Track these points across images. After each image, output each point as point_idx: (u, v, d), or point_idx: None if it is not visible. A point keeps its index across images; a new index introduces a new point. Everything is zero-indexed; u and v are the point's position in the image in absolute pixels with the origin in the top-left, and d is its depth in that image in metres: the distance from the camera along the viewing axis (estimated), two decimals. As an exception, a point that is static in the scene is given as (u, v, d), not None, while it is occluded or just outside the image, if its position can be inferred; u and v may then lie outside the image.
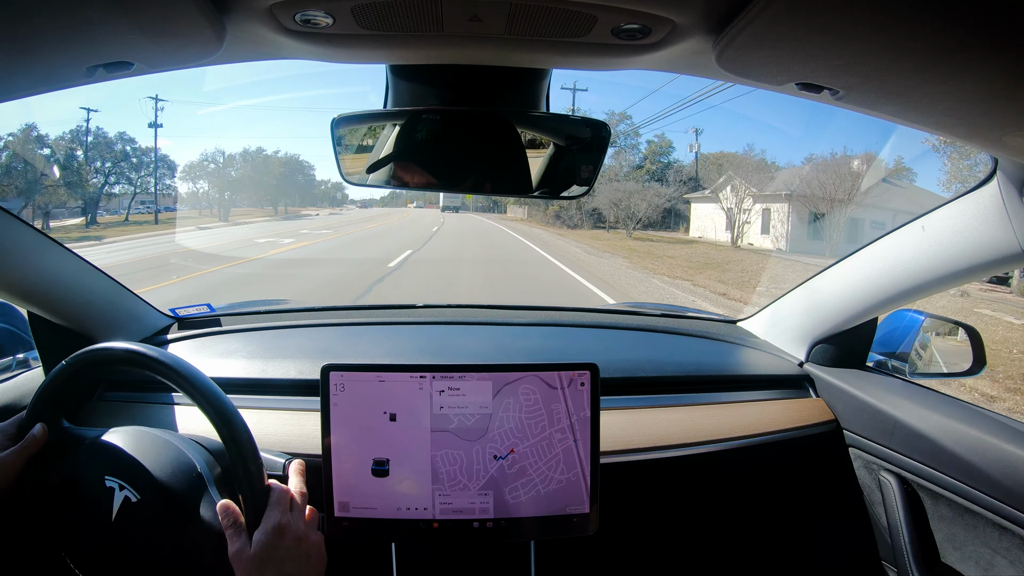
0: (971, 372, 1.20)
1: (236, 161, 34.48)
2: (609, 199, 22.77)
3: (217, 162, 33.44)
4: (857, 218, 16.73)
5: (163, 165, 29.15)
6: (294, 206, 40.52)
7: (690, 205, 24.60)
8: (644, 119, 34.94)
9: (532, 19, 0.58)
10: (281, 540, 0.67)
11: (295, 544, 0.68)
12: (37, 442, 0.73)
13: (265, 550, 0.66)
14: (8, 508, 0.71)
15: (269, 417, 1.01)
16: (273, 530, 0.68)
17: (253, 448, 0.70)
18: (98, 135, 25.31)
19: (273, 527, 0.68)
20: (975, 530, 0.93)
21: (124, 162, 26.06)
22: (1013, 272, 9.44)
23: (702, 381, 1.23)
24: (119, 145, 26.15)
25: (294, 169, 39.64)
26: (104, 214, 25.00)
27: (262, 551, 0.66)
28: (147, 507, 0.69)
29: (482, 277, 10.07)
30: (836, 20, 0.47)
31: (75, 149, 23.96)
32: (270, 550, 0.66)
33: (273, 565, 0.66)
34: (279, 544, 0.67)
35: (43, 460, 0.73)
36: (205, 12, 0.52)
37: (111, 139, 25.82)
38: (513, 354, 1.30)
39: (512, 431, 0.85)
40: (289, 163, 38.89)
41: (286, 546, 0.67)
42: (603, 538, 0.93)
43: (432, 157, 0.80)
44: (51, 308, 1.03)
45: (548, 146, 0.82)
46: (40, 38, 0.53)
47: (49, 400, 0.75)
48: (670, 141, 30.62)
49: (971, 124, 0.64)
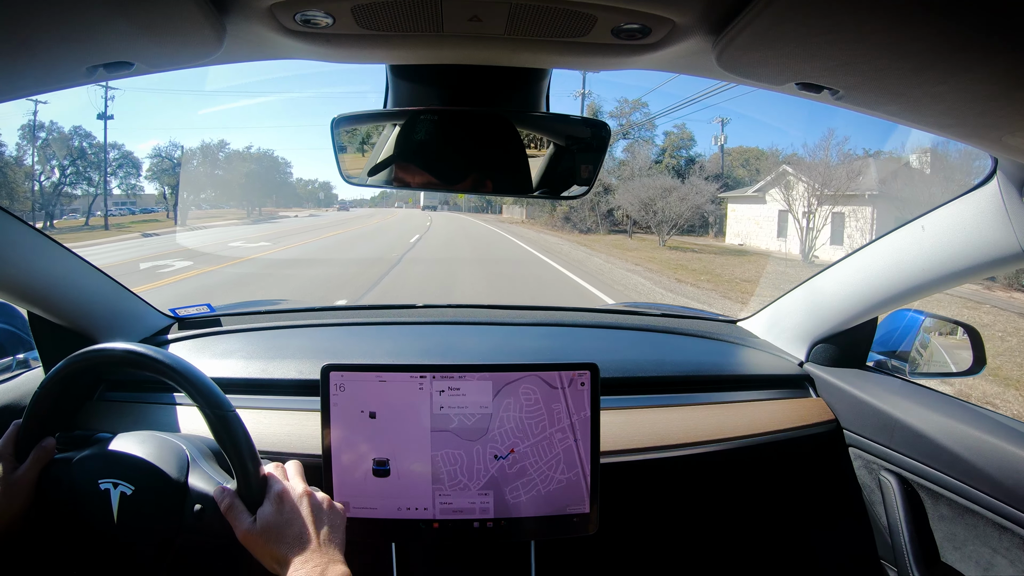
0: (971, 372, 1.20)
1: (196, 156, 30.69)
2: (637, 198, 18.46)
3: (172, 157, 28.99)
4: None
5: (128, 163, 26.63)
6: (271, 207, 37.56)
7: (725, 206, 20.55)
8: (662, 107, 31.84)
9: (532, 19, 0.58)
10: (282, 504, 0.68)
11: (298, 502, 0.69)
12: (49, 453, 0.72)
13: (270, 518, 0.67)
14: (26, 528, 0.70)
15: (269, 417, 1.01)
16: (275, 498, 0.68)
17: (250, 444, 0.71)
18: (52, 129, 23.07)
19: (274, 496, 0.69)
20: (975, 530, 0.93)
21: (81, 160, 23.78)
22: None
23: (702, 381, 1.23)
24: (75, 141, 23.73)
25: (269, 167, 36.62)
26: (78, 216, 22.93)
27: (267, 520, 0.67)
28: (143, 494, 0.70)
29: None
30: (836, 20, 0.47)
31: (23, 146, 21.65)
32: (276, 516, 0.67)
33: (279, 530, 0.66)
34: (281, 508, 0.68)
35: (47, 474, 0.73)
36: (205, 12, 0.52)
37: (67, 134, 23.40)
38: (513, 354, 1.30)
39: (512, 431, 0.85)
40: (263, 160, 35.84)
41: (289, 508, 0.68)
42: (603, 538, 0.93)
43: (432, 157, 0.80)
44: (51, 308, 1.03)
45: (548, 146, 0.82)
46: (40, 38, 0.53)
47: (47, 409, 0.74)
48: (691, 133, 26.35)
49: (971, 124, 0.64)
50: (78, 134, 24.03)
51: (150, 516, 0.70)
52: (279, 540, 0.65)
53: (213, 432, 0.70)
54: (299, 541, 0.66)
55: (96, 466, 0.72)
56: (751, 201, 19.26)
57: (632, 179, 20.60)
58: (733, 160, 24.92)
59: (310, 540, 0.66)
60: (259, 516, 0.67)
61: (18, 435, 0.73)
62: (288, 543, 0.65)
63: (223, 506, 0.68)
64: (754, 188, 19.30)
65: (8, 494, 0.69)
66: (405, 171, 0.80)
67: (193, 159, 30.54)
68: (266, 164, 36.29)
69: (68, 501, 0.71)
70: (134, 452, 0.73)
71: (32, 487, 0.70)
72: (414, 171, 0.81)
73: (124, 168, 26.84)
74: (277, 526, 0.66)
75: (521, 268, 11.66)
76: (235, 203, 34.08)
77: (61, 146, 23.43)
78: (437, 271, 11.14)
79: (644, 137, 25.63)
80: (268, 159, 36.81)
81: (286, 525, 0.67)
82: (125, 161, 26.88)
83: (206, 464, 0.75)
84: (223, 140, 35.72)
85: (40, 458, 0.71)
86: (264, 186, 36.41)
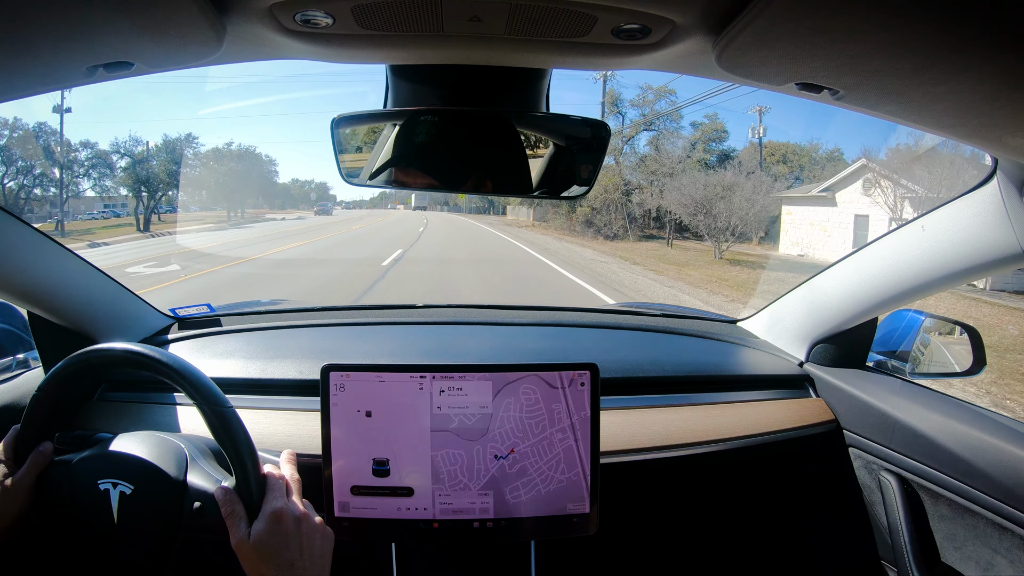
0: (971, 372, 1.20)
1: (162, 153, 25.13)
2: (690, 198, 15.30)
3: (131, 152, 24.07)
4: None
5: (102, 163, 23.60)
6: (255, 208, 33.68)
7: (779, 208, 17.11)
8: (690, 95, 27.86)
9: (532, 19, 0.58)
10: (279, 525, 0.68)
11: (295, 526, 0.69)
12: (46, 458, 0.72)
13: (264, 537, 0.67)
14: (24, 531, 0.70)
15: (269, 417, 1.01)
16: (271, 516, 0.68)
17: (248, 443, 0.71)
18: (16, 127, 20.74)
19: (271, 513, 0.68)
20: (975, 530, 0.93)
21: (46, 160, 21.14)
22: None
23: (702, 381, 1.23)
24: (42, 139, 21.22)
25: (250, 164, 32.31)
26: (50, 221, 20.17)
27: (262, 538, 0.66)
28: (142, 492, 0.70)
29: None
30: (836, 20, 0.47)
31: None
32: (269, 536, 0.67)
33: (272, 551, 0.66)
34: (277, 529, 0.67)
35: (46, 477, 0.73)
36: (205, 12, 0.52)
37: (30, 132, 20.99)
38: (513, 354, 1.30)
39: (513, 431, 0.85)
40: (244, 157, 31.64)
41: (284, 530, 0.68)
42: (603, 538, 0.93)
43: (432, 157, 0.80)
44: (51, 308, 1.03)
45: (548, 146, 0.82)
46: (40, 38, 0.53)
47: (44, 415, 0.74)
48: (723, 124, 23.16)
49: (971, 124, 0.64)
50: (43, 132, 21.51)
51: (150, 514, 0.70)
52: (270, 561, 0.66)
53: (211, 429, 0.70)
54: (289, 568, 0.66)
55: (95, 467, 0.72)
56: (816, 203, 15.89)
57: (675, 175, 17.61)
58: (767, 156, 21.34)
59: (299, 569, 0.67)
60: (254, 531, 0.67)
61: (16, 440, 0.72)
62: (278, 567, 0.66)
63: (224, 511, 0.68)
64: (821, 187, 15.92)
65: (5, 499, 0.69)
66: (404, 171, 0.80)
67: (158, 155, 25.28)
68: (248, 162, 32.48)
69: (68, 503, 0.71)
70: (133, 452, 0.73)
71: (29, 492, 0.70)
72: (413, 171, 0.81)
73: (98, 168, 23.91)
74: (270, 546, 0.66)
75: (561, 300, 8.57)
76: (217, 205, 30.83)
77: (24, 145, 20.96)
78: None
79: (670, 128, 22.44)
80: (250, 156, 32.95)
81: (280, 548, 0.67)
82: (99, 161, 23.87)
83: (205, 462, 0.75)
84: (191, 134, 30.64)
85: (38, 463, 0.71)
86: (246, 186, 32.71)
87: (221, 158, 31.01)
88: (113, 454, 0.73)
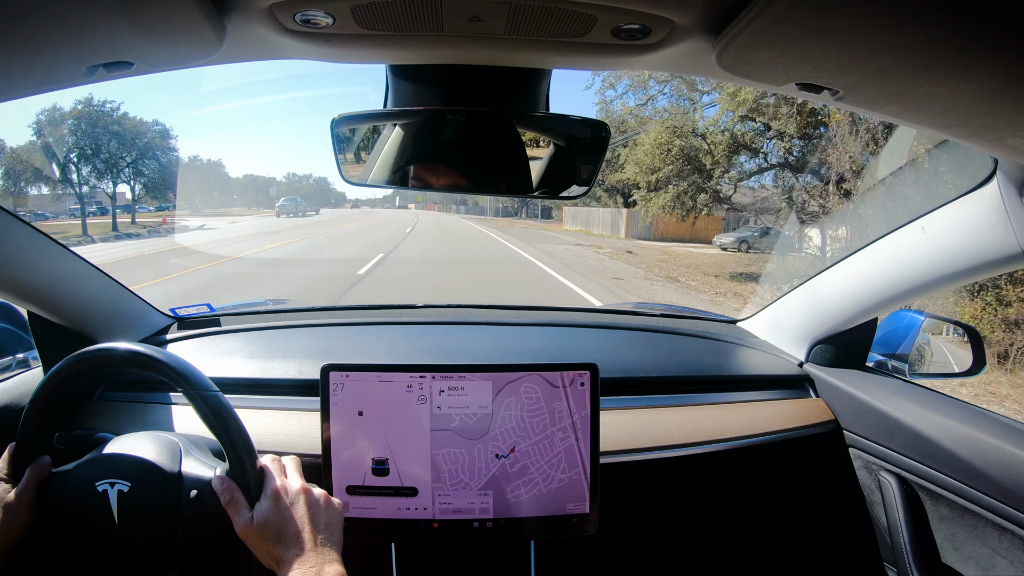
0: (971, 372, 1.20)
1: (80, 129, 19.71)
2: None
3: (38, 126, 18.92)
4: None
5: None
6: (213, 207, 28.32)
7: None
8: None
9: (532, 19, 0.58)
10: (279, 502, 0.68)
11: (296, 500, 0.69)
12: (45, 469, 0.72)
13: (267, 516, 0.67)
14: (32, 547, 0.70)
15: (269, 417, 1.01)
16: (271, 495, 0.68)
17: (241, 429, 0.71)
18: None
19: (271, 493, 0.68)
20: (975, 530, 0.93)
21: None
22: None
23: (702, 381, 1.23)
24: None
25: (200, 163, 26.77)
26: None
27: (265, 518, 0.66)
28: (140, 488, 0.70)
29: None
30: (836, 20, 0.47)
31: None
32: (272, 515, 0.67)
33: (277, 529, 0.66)
34: (279, 507, 0.67)
35: (46, 488, 0.72)
36: (205, 12, 0.52)
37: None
38: (513, 354, 1.30)
39: (514, 429, 0.85)
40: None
41: (286, 506, 0.68)
42: (603, 538, 0.93)
43: (432, 157, 0.80)
44: (51, 308, 1.03)
45: (548, 146, 0.82)
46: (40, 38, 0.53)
47: (39, 426, 0.73)
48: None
49: (971, 124, 0.64)
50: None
51: (149, 509, 0.70)
52: (276, 539, 0.65)
53: (203, 418, 0.70)
54: (296, 541, 0.65)
55: (92, 470, 0.72)
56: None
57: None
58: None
59: (307, 540, 0.66)
60: (256, 512, 0.67)
61: (12, 456, 0.71)
62: (285, 543, 0.65)
63: (224, 500, 0.68)
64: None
65: (8, 515, 0.68)
66: (405, 171, 0.80)
67: (78, 132, 19.90)
68: (197, 162, 26.90)
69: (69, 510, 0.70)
70: (128, 451, 0.73)
71: (31, 505, 0.69)
72: (414, 172, 0.81)
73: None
74: (274, 524, 0.66)
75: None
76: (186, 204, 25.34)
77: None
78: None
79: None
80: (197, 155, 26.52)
81: (283, 524, 0.66)
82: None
83: (198, 452, 0.76)
84: (110, 99, 21.40)
85: (37, 474, 0.71)
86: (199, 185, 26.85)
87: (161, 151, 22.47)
88: (108, 456, 0.73)
